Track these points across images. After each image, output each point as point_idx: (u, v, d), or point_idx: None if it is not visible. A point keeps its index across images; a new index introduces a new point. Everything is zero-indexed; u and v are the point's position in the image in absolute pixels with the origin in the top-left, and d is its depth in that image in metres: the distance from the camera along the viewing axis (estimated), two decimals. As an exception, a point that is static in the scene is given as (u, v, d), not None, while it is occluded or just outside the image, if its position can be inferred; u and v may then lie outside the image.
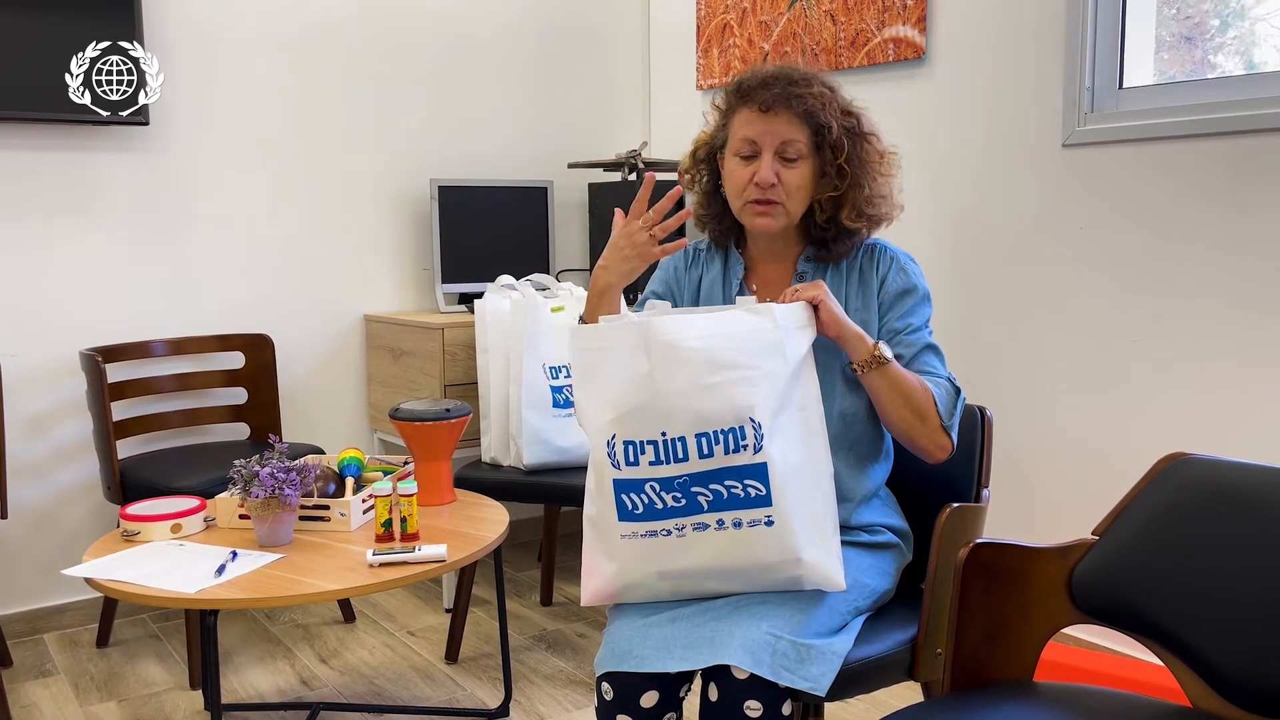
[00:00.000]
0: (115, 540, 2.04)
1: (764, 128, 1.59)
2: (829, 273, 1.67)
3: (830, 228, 1.64)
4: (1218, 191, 2.21)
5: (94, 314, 2.88)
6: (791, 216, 1.62)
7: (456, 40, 3.38)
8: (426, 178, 3.36)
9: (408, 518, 2.01)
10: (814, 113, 1.58)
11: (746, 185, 1.60)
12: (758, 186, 1.59)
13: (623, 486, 1.42)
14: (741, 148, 1.61)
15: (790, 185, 1.59)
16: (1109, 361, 2.42)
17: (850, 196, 1.62)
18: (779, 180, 1.59)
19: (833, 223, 1.63)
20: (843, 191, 1.61)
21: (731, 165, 1.63)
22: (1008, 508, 2.65)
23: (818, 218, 1.64)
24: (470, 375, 2.97)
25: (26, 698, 2.49)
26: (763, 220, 1.61)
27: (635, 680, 1.44)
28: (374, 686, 2.51)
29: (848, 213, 1.62)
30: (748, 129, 1.60)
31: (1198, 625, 1.30)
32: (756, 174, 1.59)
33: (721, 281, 1.71)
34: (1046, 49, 2.49)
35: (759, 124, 1.59)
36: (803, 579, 1.44)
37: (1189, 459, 1.41)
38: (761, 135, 1.59)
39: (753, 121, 1.60)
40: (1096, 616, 1.40)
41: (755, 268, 1.71)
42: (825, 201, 1.62)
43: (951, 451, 1.57)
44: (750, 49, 3.24)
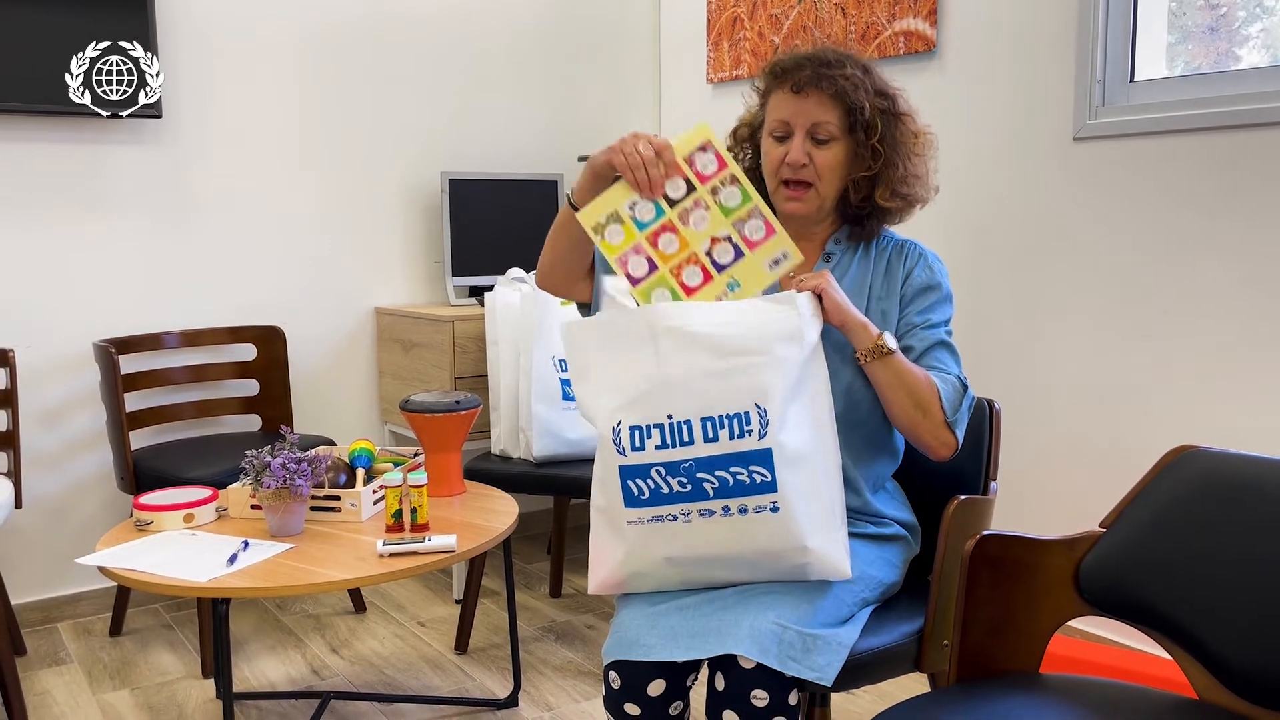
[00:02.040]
0: (128, 530, 2.06)
1: (796, 108, 1.60)
2: (857, 259, 1.67)
3: (865, 207, 1.66)
4: (1229, 185, 2.20)
5: (108, 306, 2.90)
6: (823, 199, 1.63)
7: (468, 34, 3.38)
8: (437, 171, 3.37)
9: (418, 509, 2.02)
10: (845, 93, 1.59)
11: (779, 165, 1.62)
12: (789, 166, 1.60)
13: (629, 473, 1.43)
14: (775, 128, 1.63)
15: (822, 166, 1.60)
16: (1118, 355, 2.42)
17: (884, 176, 1.63)
18: (811, 161, 1.60)
19: (868, 202, 1.65)
20: (876, 171, 1.62)
21: (767, 146, 1.65)
22: (1016, 500, 2.65)
23: (852, 198, 1.65)
24: (480, 368, 2.98)
25: (40, 685, 2.51)
26: (792, 204, 1.63)
27: (642, 669, 1.45)
28: (384, 676, 2.53)
29: (882, 192, 1.63)
30: (781, 110, 1.62)
31: (1205, 618, 1.30)
32: (788, 154, 1.60)
33: None
34: (1057, 42, 2.48)
35: (791, 105, 1.61)
36: (808, 567, 1.45)
37: (1197, 452, 1.41)
38: (793, 116, 1.60)
39: (786, 102, 1.61)
40: (1103, 609, 1.40)
41: None
42: (860, 181, 1.64)
43: (955, 449, 1.57)
44: (761, 42, 3.24)
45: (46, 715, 2.36)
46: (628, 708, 1.46)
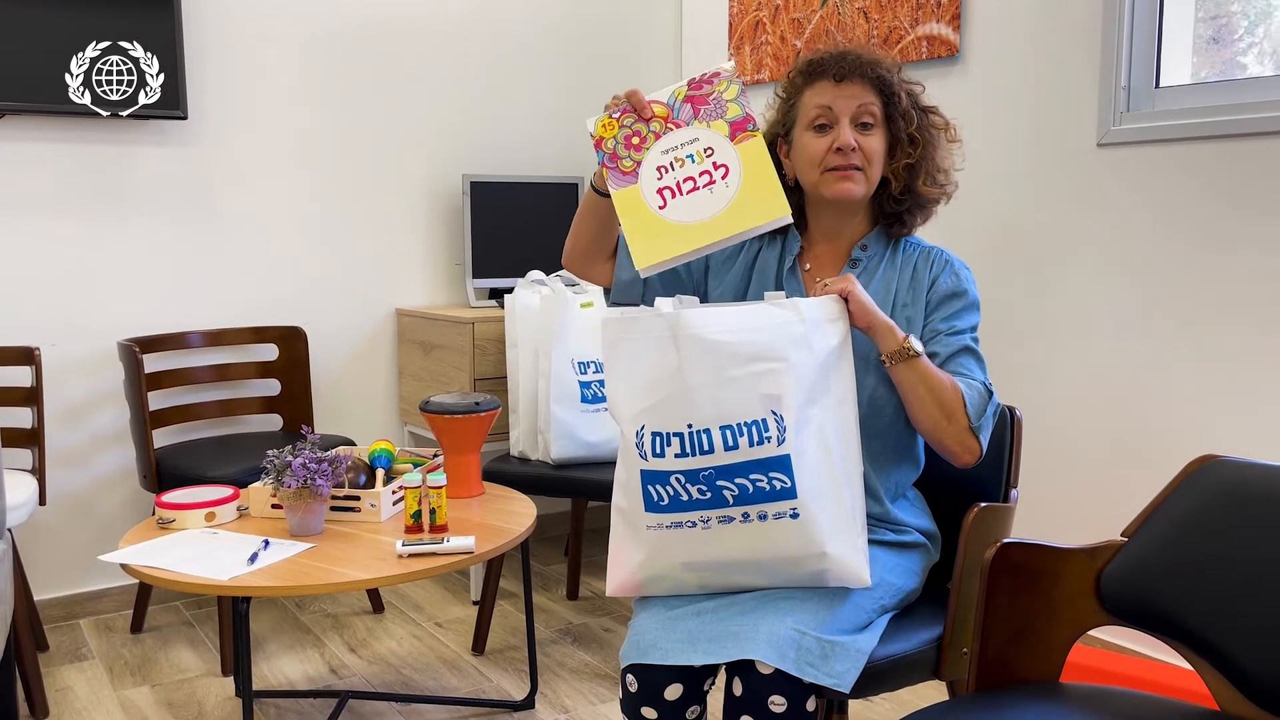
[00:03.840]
0: (150, 528, 2.07)
1: (838, 94, 1.61)
2: (883, 266, 1.67)
3: (906, 199, 1.66)
4: (1254, 193, 2.18)
5: (131, 305, 2.92)
6: (870, 184, 1.63)
7: (490, 36, 3.39)
8: (459, 173, 3.38)
9: (436, 509, 2.02)
10: (885, 81, 1.61)
11: (825, 154, 1.61)
12: (839, 152, 1.60)
13: (649, 478, 1.43)
14: (816, 117, 1.62)
15: (869, 151, 1.61)
16: (1141, 363, 2.40)
17: (925, 164, 1.64)
18: (859, 146, 1.60)
19: (908, 192, 1.65)
20: (916, 160, 1.63)
21: (805, 139, 1.63)
22: (1037, 508, 2.63)
23: (893, 188, 1.65)
24: (500, 369, 2.99)
25: (62, 681, 2.53)
26: (845, 185, 1.60)
27: (659, 673, 1.45)
28: (402, 676, 2.54)
29: (924, 179, 1.64)
30: (822, 98, 1.61)
31: (1227, 628, 1.29)
32: (836, 139, 1.60)
33: (777, 261, 1.71)
34: (1082, 47, 2.47)
35: (833, 92, 1.61)
36: (827, 573, 1.44)
37: (1220, 461, 1.40)
38: (836, 101, 1.61)
39: (827, 91, 1.61)
40: (1124, 618, 1.39)
41: (811, 248, 1.71)
42: (900, 170, 1.64)
43: (980, 455, 1.56)
44: (783, 46, 3.24)
45: (68, 710, 2.38)
46: (645, 711, 1.46)
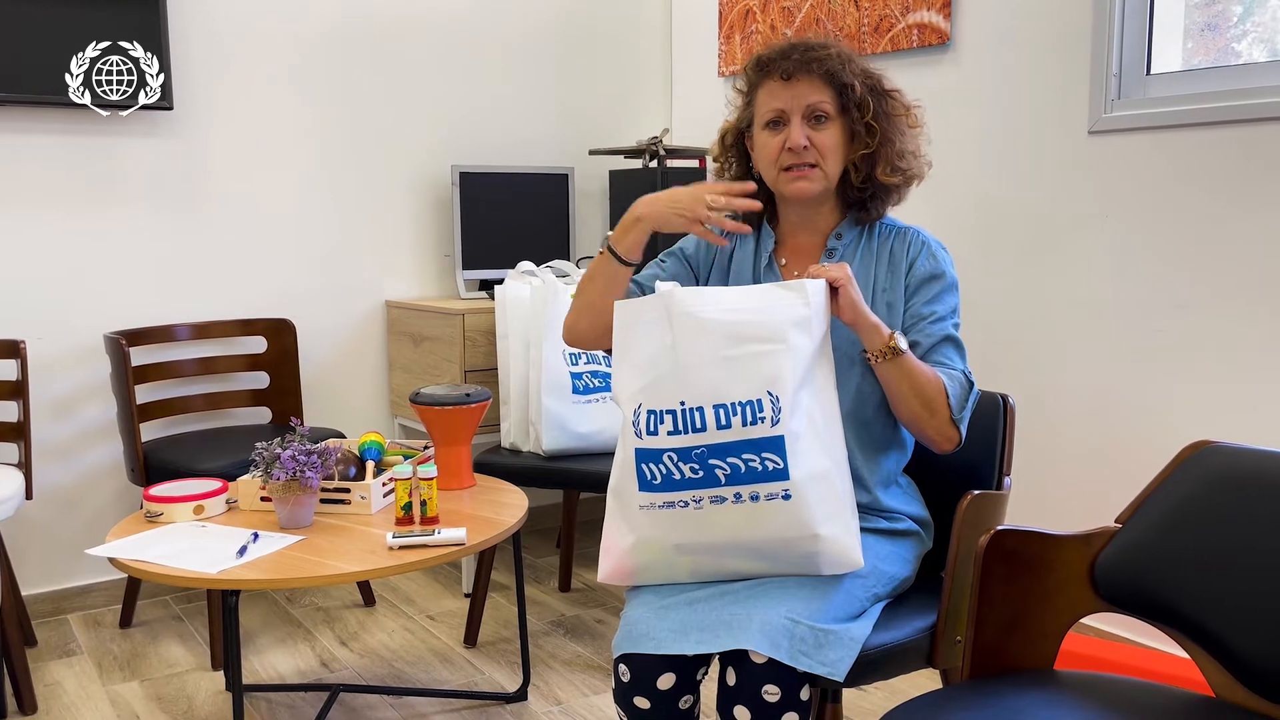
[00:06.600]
0: (138, 521, 2.06)
1: (789, 94, 1.61)
2: (860, 251, 1.67)
3: (868, 187, 1.65)
4: (1246, 179, 2.18)
5: (118, 298, 2.90)
6: (829, 178, 1.63)
7: (479, 27, 3.37)
8: (448, 164, 3.36)
9: (427, 501, 2.01)
10: (835, 73, 1.60)
11: (779, 153, 1.61)
12: (790, 151, 1.60)
13: (643, 456, 1.43)
14: (769, 117, 1.62)
15: (823, 146, 1.60)
16: (1133, 349, 2.40)
17: (883, 153, 1.63)
18: (811, 143, 1.60)
19: (870, 181, 1.64)
20: (874, 148, 1.62)
21: (762, 138, 1.64)
22: (1030, 496, 2.63)
23: (854, 179, 1.65)
24: (490, 361, 2.97)
25: (50, 677, 2.52)
26: (800, 184, 1.61)
27: (652, 662, 1.44)
28: (393, 669, 2.53)
29: (882, 169, 1.63)
30: (773, 99, 1.62)
31: (1222, 614, 1.28)
32: (787, 139, 1.60)
33: (753, 256, 1.71)
34: (1073, 35, 2.46)
35: (783, 92, 1.61)
36: (819, 555, 1.44)
37: (1214, 447, 1.40)
38: (787, 101, 1.61)
39: (777, 91, 1.61)
40: (1119, 605, 1.39)
41: (786, 241, 1.71)
42: (859, 161, 1.63)
43: (959, 444, 1.57)
44: (773, 34, 3.22)
45: (56, 706, 2.36)
46: (637, 701, 1.45)
